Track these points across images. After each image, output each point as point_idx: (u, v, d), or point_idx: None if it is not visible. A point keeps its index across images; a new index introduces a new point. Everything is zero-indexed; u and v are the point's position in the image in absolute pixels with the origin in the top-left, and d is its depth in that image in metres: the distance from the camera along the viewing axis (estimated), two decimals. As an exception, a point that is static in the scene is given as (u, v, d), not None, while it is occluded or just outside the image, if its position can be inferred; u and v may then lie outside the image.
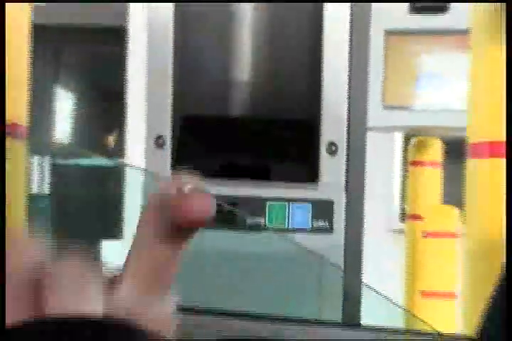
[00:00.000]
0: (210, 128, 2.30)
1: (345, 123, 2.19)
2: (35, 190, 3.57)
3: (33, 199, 2.83)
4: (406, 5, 2.39)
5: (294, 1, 2.26)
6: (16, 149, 1.88)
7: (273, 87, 2.33)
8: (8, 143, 1.78)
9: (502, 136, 1.76)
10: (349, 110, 2.20)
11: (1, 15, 0.81)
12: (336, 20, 2.25)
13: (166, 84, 2.28)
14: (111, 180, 3.56)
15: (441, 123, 2.46)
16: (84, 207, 3.68)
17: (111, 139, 3.63)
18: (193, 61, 2.36)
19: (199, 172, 0.38)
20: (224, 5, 2.36)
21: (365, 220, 2.24)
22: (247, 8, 2.36)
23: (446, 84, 2.38)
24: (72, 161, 3.50)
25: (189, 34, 2.36)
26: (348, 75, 2.22)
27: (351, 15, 2.23)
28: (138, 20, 2.42)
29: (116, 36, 2.77)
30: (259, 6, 2.32)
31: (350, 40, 2.23)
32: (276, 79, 2.34)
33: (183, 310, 0.39)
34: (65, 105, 4.55)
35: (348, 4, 2.21)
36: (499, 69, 1.80)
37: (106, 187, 3.68)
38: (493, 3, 1.92)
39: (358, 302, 2.16)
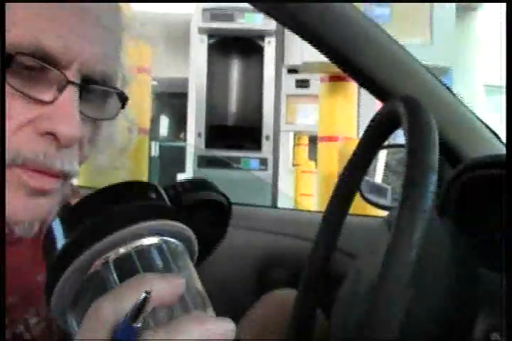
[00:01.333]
0: (219, 129, 5.58)
1: (272, 128, 5.51)
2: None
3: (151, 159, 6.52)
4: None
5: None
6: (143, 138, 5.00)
7: (245, 112, 5.64)
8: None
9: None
10: (274, 123, 5.52)
11: (1, 15, 0.58)
12: (269, 80, 5.54)
13: (203, 109, 5.59)
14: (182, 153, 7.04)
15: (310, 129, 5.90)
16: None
17: (182, 135, 7.36)
18: (212, 98, 5.64)
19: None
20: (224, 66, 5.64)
21: (279, 165, 5.59)
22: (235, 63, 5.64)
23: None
24: (168, 143, 7.27)
25: (212, 84, 5.61)
26: (274, 107, 5.53)
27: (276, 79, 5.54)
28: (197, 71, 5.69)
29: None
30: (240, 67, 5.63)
31: (275, 92, 5.53)
32: (246, 107, 5.64)
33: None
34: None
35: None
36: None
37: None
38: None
39: (276, 199, 5.49)
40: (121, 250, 0.42)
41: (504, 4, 0.84)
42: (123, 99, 0.63)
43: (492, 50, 7.93)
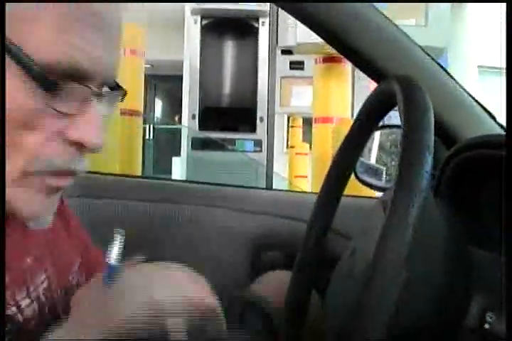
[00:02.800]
0: (213, 111, 5.57)
1: (266, 110, 5.49)
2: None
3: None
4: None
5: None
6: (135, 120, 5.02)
7: (239, 93, 5.62)
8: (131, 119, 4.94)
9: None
10: (268, 105, 5.50)
11: (1, 15, 0.58)
12: (263, 61, 5.51)
13: (196, 91, 5.56)
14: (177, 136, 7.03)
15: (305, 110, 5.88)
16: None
17: (176, 117, 7.34)
18: (206, 79, 5.62)
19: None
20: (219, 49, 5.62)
21: (274, 147, 5.58)
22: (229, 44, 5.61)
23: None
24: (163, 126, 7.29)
25: (206, 65, 5.59)
26: (268, 89, 5.51)
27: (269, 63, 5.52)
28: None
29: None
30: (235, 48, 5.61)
31: (269, 74, 5.51)
32: (240, 89, 5.62)
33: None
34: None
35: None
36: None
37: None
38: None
39: (271, 180, 5.49)
40: None
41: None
42: (123, 94, 0.67)
43: (486, 32, 7.90)
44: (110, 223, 0.69)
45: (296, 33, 4.55)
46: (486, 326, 0.61)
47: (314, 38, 1.08)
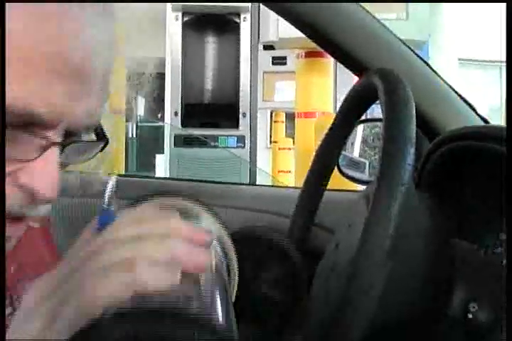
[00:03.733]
0: (196, 108, 5.56)
1: (249, 105, 5.49)
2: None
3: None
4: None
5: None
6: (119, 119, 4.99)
7: (221, 89, 5.61)
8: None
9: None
10: (251, 101, 5.50)
11: (1, 15, 0.54)
12: (246, 57, 5.51)
13: (179, 88, 5.55)
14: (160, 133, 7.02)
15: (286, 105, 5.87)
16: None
17: (159, 115, 7.31)
18: (188, 76, 5.61)
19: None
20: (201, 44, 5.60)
21: (257, 142, 5.58)
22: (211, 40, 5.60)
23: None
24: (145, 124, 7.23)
25: (187, 61, 5.58)
26: (251, 84, 5.50)
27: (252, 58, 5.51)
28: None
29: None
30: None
31: (251, 70, 5.51)
32: (223, 85, 5.61)
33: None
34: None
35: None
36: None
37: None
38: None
39: (255, 176, 5.50)
40: None
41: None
42: (103, 144, 0.63)
43: (467, 25, 7.94)
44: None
45: (278, 28, 4.55)
46: (469, 316, 0.62)
47: (296, 33, 1.08)
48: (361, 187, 1.29)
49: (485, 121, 1.06)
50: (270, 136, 7.99)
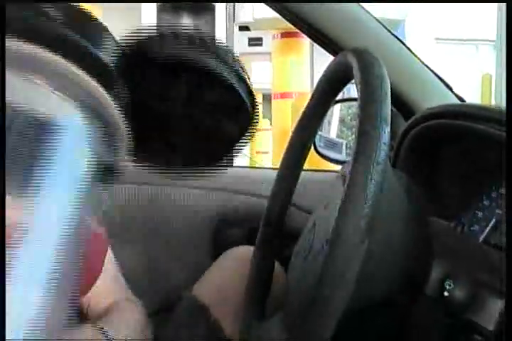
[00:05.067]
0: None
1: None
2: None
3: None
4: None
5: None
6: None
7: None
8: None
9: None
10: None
11: (1, 15, 0.53)
12: (221, 36, 5.47)
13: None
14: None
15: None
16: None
17: None
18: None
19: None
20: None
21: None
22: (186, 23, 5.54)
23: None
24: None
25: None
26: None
27: None
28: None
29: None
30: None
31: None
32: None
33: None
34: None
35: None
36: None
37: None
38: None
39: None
40: None
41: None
42: None
43: (443, 5, 7.94)
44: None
45: (253, 8, 4.51)
46: (446, 294, 0.62)
47: (271, 14, 1.07)
48: (338, 167, 1.29)
49: (461, 99, 1.06)
50: (247, 117, 7.93)
